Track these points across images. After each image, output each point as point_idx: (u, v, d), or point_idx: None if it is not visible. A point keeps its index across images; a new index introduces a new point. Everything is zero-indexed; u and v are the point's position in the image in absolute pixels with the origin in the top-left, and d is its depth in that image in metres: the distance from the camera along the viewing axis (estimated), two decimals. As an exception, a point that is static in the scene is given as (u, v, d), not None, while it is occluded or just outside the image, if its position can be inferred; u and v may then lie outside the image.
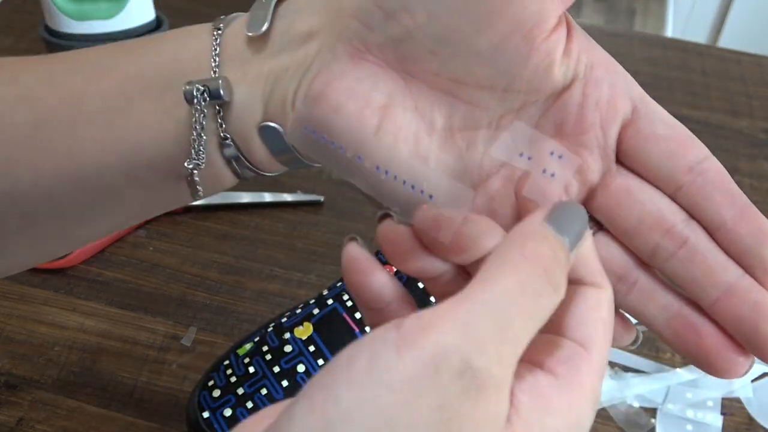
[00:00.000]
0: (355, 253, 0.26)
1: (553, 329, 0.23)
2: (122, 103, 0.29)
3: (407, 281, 0.42)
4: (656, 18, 2.56)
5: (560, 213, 0.23)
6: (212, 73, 0.28)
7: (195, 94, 0.27)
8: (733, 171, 0.70)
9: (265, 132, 0.29)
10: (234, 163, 0.30)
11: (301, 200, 0.62)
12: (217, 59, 0.29)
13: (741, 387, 0.51)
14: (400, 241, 0.25)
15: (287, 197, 0.62)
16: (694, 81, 0.82)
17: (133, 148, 0.29)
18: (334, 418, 0.18)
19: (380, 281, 0.26)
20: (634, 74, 0.28)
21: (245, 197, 0.61)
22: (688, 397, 0.50)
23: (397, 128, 0.27)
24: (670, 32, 2.26)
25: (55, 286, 0.54)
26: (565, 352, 0.22)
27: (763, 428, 0.49)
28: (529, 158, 0.27)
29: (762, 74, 0.85)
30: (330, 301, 0.45)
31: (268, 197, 0.61)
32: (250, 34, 0.28)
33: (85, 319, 0.52)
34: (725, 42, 1.98)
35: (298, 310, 0.47)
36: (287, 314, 0.47)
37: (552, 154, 0.27)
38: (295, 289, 0.55)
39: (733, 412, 0.50)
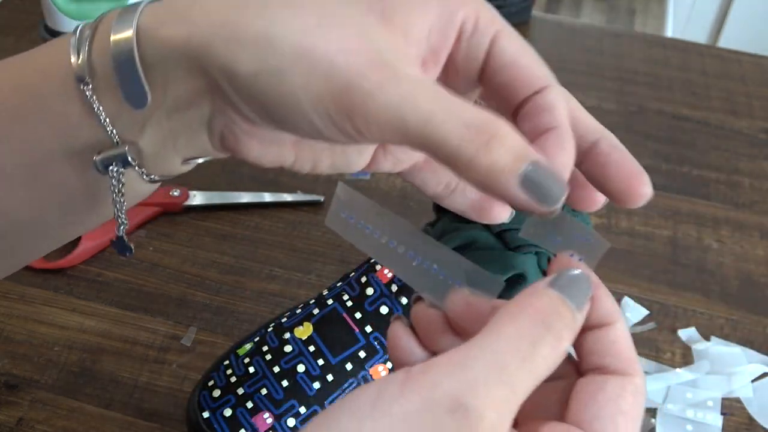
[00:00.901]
0: (399, 332, 0.26)
1: (573, 419, 0.23)
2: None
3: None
4: (656, 18, 2.56)
5: (564, 278, 0.23)
6: (113, 140, 0.26)
7: (107, 165, 0.26)
8: (733, 171, 0.70)
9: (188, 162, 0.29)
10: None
11: (301, 200, 0.62)
12: (108, 124, 0.26)
13: (741, 387, 0.51)
14: (431, 324, 0.26)
15: (287, 197, 0.62)
16: (694, 81, 0.82)
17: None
18: None
19: (416, 357, 0.26)
20: (634, 74, 0.28)
21: (245, 197, 0.61)
22: (688, 397, 0.50)
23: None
24: (670, 32, 2.26)
25: (55, 286, 0.54)
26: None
27: (763, 428, 0.49)
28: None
29: (762, 74, 0.85)
30: (330, 301, 0.45)
31: (268, 197, 0.61)
32: (135, 109, 0.26)
33: (85, 319, 0.52)
34: (725, 42, 1.98)
35: (298, 310, 0.47)
36: (287, 314, 0.47)
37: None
38: (295, 289, 0.55)
39: (733, 412, 0.50)
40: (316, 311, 0.45)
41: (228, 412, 0.42)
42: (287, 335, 0.45)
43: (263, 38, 0.23)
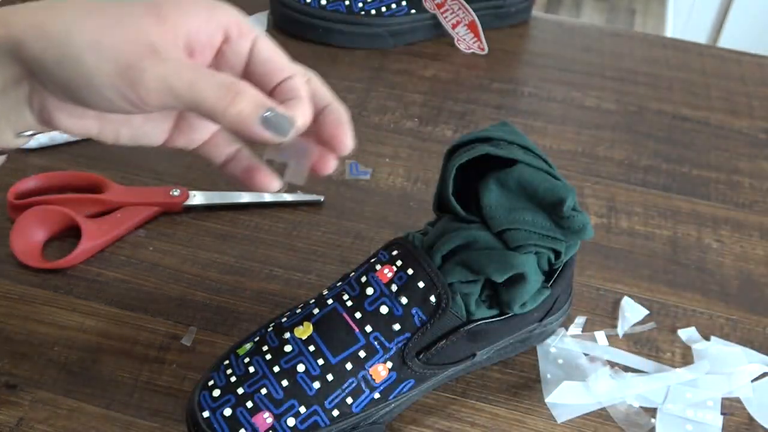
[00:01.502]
0: None
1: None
2: None
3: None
4: (656, 18, 2.56)
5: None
6: None
7: None
8: (733, 171, 0.70)
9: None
10: None
11: (301, 200, 0.62)
12: None
13: (741, 387, 0.51)
14: None
15: (287, 197, 0.62)
16: (694, 81, 0.83)
17: None
18: None
19: None
20: (634, 74, 0.28)
21: (245, 197, 0.61)
22: (688, 397, 0.50)
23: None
24: (670, 32, 2.26)
25: (55, 286, 0.54)
26: None
27: (763, 428, 0.49)
28: None
29: (762, 74, 0.85)
30: (330, 301, 0.45)
31: (268, 197, 0.61)
32: None
33: (85, 319, 0.52)
34: (725, 42, 1.98)
35: (298, 310, 0.47)
36: (287, 314, 0.47)
37: None
38: (295, 289, 0.55)
39: (733, 412, 0.50)
40: (316, 311, 0.45)
41: (228, 412, 0.42)
42: (287, 335, 0.45)
43: (64, 34, 0.31)
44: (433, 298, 0.44)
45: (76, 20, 0.32)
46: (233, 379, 0.44)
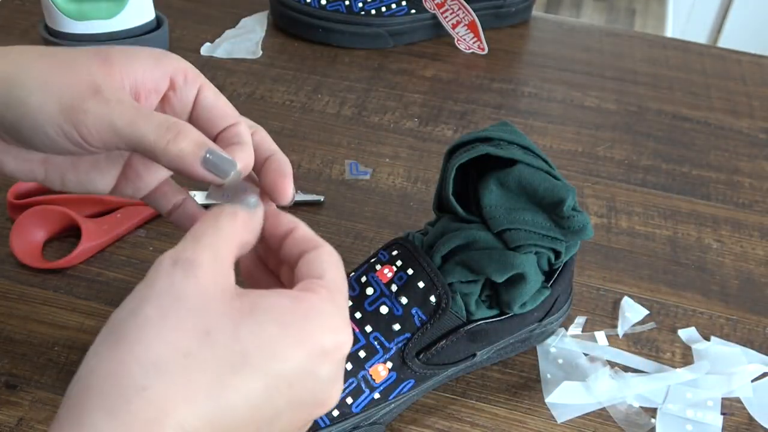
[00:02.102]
0: None
1: (299, 278, 0.32)
2: None
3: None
4: (656, 18, 2.56)
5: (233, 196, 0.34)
6: None
7: None
8: (733, 171, 0.70)
9: None
10: None
11: (301, 200, 0.62)
12: None
13: (741, 387, 0.51)
14: None
15: (287, 197, 0.62)
16: (694, 81, 0.83)
17: None
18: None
19: None
20: (634, 74, 0.28)
21: (245, 197, 0.61)
22: (688, 397, 0.50)
23: None
24: (670, 32, 2.26)
25: (55, 286, 0.54)
26: (302, 284, 0.31)
27: (763, 428, 0.49)
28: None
29: (762, 74, 0.85)
30: (330, 301, 0.45)
31: (268, 197, 0.61)
32: None
33: (85, 319, 0.52)
34: (725, 42, 1.98)
35: (298, 310, 0.46)
36: (287, 314, 0.47)
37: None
38: (295, 289, 0.55)
39: (733, 412, 0.50)
40: (316, 311, 0.45)
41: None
42: (287, 335, 0.45)
43: (14, 76, 0.32)
44: (433, 298, 0.44)
45: (26, 63, 0.33)
46: (233, 379, 0.44)
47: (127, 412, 0.26)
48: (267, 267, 0.38)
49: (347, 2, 0.81)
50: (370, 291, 0.45)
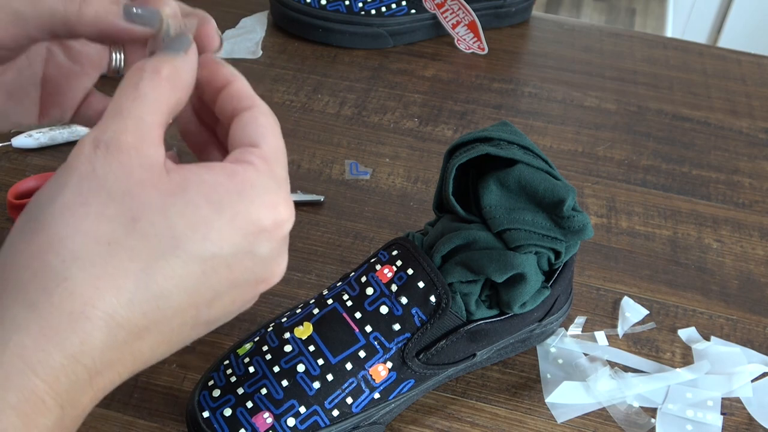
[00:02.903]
0: None
1: (234, 146, 0.30)
2: None
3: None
4: (656, 18, 2.56)
5: (163, 43, 0.31)
6: None
7: None
8: (733, 171, 0.70)
9: None
10: None
11: (301, 200, 0.62)
12: None
13: (741, 387, 0.51)
14: None
15: (287, 197, 0.62)
16: (694, 81, 0.83)
17: None
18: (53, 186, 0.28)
19: None
20: (634, 74, 0.28)
21: (245, 197, 0.61)
22: (688, 397, 0.50)
23: None
24: (670, 32, 2.26)
25: (55, 286, 0.54)
26: (237, 153, 0.29)
27: (763, 428, 0.49)
28: None
29: (762, 74, 0.85)
30: (330, 301, 0.45)
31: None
32: None
33: (85, 319, 0.52)
34: (725, 42, 1.98)
35: (298, 310, 0.47)
36: (287, 314, 0.47)
37: None
38: (295, 289, 0.55)
39: (733, 412, 0.50)
40: (316, 311, 0.45)
41: (228, 412, 0.42)
42: (287, 335, 0.45)
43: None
44: (433, 298, 0.44)
45: None
46: (233, 379, 0.44)
47: (50, 304, 0.25)
48: (203, 122, 0.35)
49: (347, 2, 0.81)
50: (370, 291, 0.45)
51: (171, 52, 0.30)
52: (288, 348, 0.44)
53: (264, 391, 0.43)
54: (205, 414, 0.43)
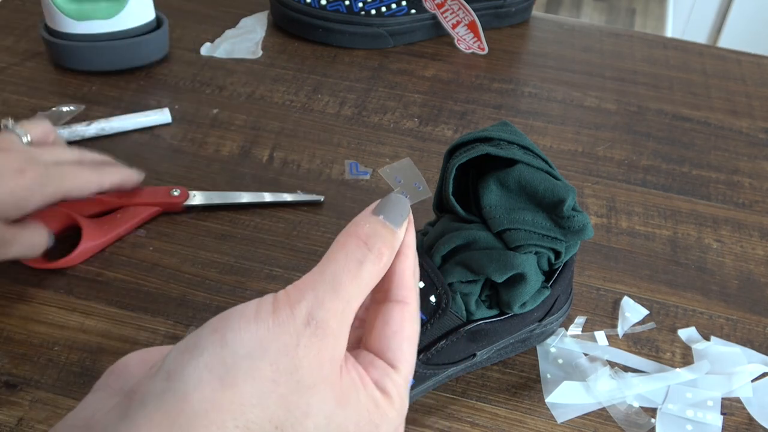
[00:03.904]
0: None
1: (373, 349, 0.31)
2: None
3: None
4: (656, 18, 2.56)
5: (384, 202, 0.31)
6: None
7: None
8: (733, 171, 0.70)
9: None
10: None
11: (301, 200, 0.62)
12: None
13: (741, 387, 0.51)
14: None
15: (287, 197, 0.62)
16: (694, 81, 0.83)
17: None
18: (227, 338, 0.27)
19: None
20: (634, 74, 0.28)
21: (245, 197, 0.61)
22: (688, 397, 0.50)
23: None
24: (670, 32, 2.26)
25: (54, 286, 0.54)
26: (378, 372, 0.30)
27: (763, 428, 0.49)
28: None
29: (762, 74, 0.85)
30: (330, 301, 0.45)
31: (268, 197, 0.61)
32: None
33: (85, 319, 0.52)
34: (725, 42, 1.98)
35: (298, 310, 0.46)
36: (287, 314, 0.47)
37: None
38: (295, 289, 0.55)
39: (733, 412, 0.50)
40: (316, 311, 0.45)
41: None
42: (287, 335, 0.45)
43: None
44: (433, 298, 0.44)
45: None
46: (233, 379, 0.44)
47: None
48: None
49: (347, 2, 0.81)
50: (370, 291, 0.45)
51: (390, 223, 0.31)
52: (288, 348, 0.44)
53: (264, 391, 0.43)
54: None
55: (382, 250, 0.30)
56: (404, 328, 0.31)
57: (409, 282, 0.32)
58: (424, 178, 0.35)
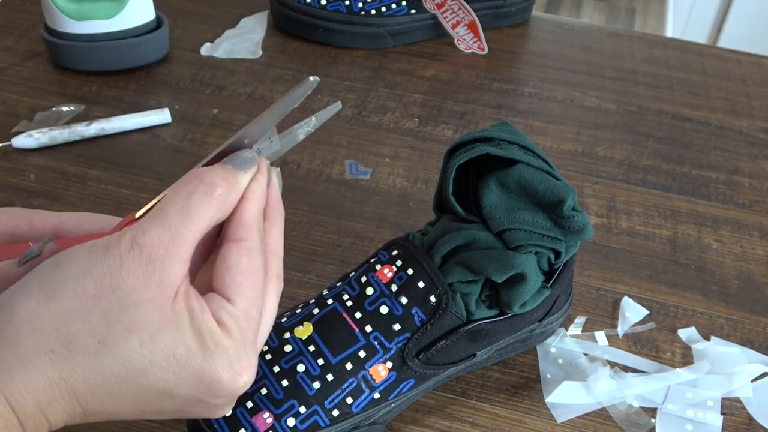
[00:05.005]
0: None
1: (216, 289, 0.32)
2: None
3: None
4: (656, 18, 2.56)
5: (232, 155, 0.33)
6: None
7: None
8: (733, 171, 0.70)
9: None
10: None
11: (323, 116, 0.62)
12: None
13: (741, 387, 0.51)
14: None
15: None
16: (694, 81, 0.83)
17: None
18: (61, 262, 0.29)
19: None
20: (634, 74, 0.28)
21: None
22: (688, 397, 0.50)
23: None
24: (670, 32, 2.26)
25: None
26: (214, 304, 0.31)
27: (763, 428, 0.49)
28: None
29: (762, 74, 0.85)
30: (330, 301, 0.45)
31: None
32: None
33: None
34: (725, 42, 1.98)
35: (298, 310, 0.47)
36: (287, 314, 0.47)
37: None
38: (295, 289, 0.55)
39: (733, 412, 0.50)
40: (316, 311, 0.45)
41: (228, 412, 0.42)
42: (287, 335, 0.45)
43: None
44: (433, 298, 0.44)
45: None
46: (233, 379, 0.44)
47: (35, 366, 0.28)
48: None
49: (347, 2, 0.81)
50: (370, 291, 0.45)
51: (232, 167, 0.32)
52: (288, 348, 0.44)
53: (264, 391, 0.43)
54: (205, 414, 0.43)
55: (214, 181, 0.31)
56: (239, 263, 0.32)
57: (249, 222, 0.33)
58: (277, 134, 0.36)
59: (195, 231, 0.30)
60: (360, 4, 0.81)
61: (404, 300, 0.44)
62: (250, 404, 0.42)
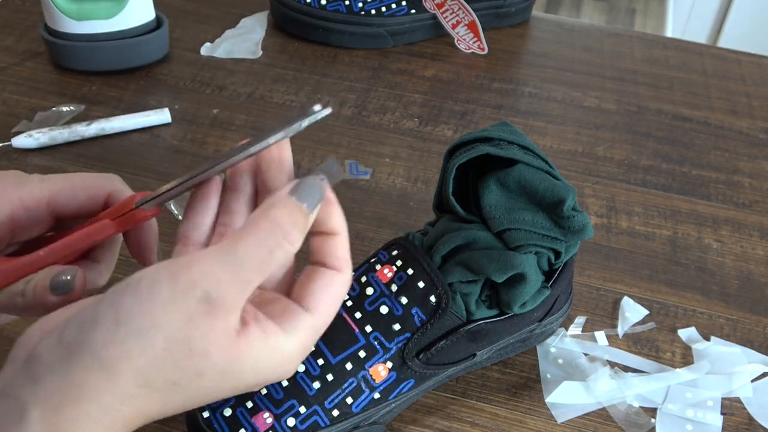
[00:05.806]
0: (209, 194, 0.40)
1: (295, 296, 0.32)
2: None
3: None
4: (656, 18, 2.56)
5: (301, 184, 0.31)
6: None
7: None
8: (733, 171, 0.70)
9: None
10: None
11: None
12: None
13: (741, 387, 0.51)
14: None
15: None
16: (694, 81, 0.83)
17: None
18: (121, 317, 0.28)
19: (199, 231, 0.38)
20: (634, 74, 0.28)
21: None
22: (688, 397, 0.50)
23: None
24: (670, 32, 2.26)
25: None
26: (291, 313, 0.31)
27: (763, 428, 0.49)
28: None
29: (762, 74, 0.85)
30: (330, 301, 0.45)
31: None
32: None
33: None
34: (725, 42, 1.98)
35: (298, 310, 0.47)
36: (287, 314, 0.47)
37: None
38: (295, 289, 0.55)
39: (733, 412, 0.50)
40: (316, 311, 0.45)
41: (228, 412, 0.42)
42: (287, 335, 0.45)
43: None
44: (433, 298, 0.44)
45: None
46: (233, 379, 0.44)
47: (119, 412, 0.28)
48: None
49: (347, 2, 0.81)
50: (370, 291, 0.45)
51: (307, 206, 0.31)
52: (288, 348, 0.44)
53: (264, 390, 0.43)
54: (205, 414, 0.43)
55: (295, 237, 0.30)
56: (333, 284, 0.32)
57: (343, 255, 0.33)
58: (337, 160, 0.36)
59: (262, 278, 0.30)
60: (360, 4, 0.81)
61: (404, 300, 0.44)
62: (250, 404, 0.42)
